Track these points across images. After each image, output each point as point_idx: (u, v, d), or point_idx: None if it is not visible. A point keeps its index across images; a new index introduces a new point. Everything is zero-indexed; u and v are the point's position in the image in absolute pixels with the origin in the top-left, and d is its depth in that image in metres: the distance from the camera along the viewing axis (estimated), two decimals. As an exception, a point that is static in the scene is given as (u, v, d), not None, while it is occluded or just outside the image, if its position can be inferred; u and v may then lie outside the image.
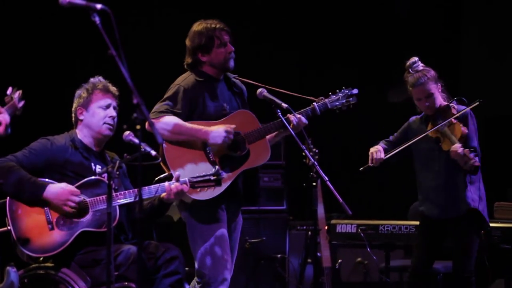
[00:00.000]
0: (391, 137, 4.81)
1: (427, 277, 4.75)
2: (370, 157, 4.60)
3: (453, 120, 4.53)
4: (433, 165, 4.65)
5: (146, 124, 3.44)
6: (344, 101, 4.38)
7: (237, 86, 4.39)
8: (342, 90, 4.39)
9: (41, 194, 3.89)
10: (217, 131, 4.10)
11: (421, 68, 4.64)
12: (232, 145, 4.19)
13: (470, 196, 4.59)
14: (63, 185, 3.92)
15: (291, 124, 4.20)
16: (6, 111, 3.61)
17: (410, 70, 4.65)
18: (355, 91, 4.42)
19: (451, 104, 4.62)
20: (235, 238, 4.35)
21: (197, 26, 4.28)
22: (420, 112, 4.75)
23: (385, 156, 4.59)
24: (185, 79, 4.28)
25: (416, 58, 4.66)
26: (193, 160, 4.14)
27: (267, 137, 4.28)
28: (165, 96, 4.23)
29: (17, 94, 3.64)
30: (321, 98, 4.31)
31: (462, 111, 4.55)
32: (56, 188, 3.90)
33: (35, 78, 6.16)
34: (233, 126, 4.14)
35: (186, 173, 4.05)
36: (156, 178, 4.17)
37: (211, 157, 4.15)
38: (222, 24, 4.26)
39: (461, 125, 4.54)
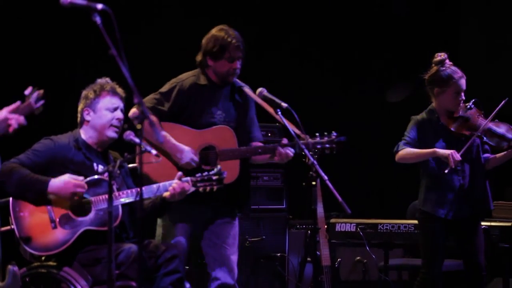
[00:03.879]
0: (408, 139, 4.63)
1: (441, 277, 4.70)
2: (451, 159, 4.45)
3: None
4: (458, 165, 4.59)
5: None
6: (328, 146, 4.23)
7: (242, 94, 4.42)
8: (331, 134, 4.26)
9: (46, 190, 3.90)
10: (185, 155, 4.24)
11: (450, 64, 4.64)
12: (204, 158, 4.29)
13: (490, 196, 4.69)
14: (66, 178, 3.91)
15: (277, 157, 4.25)
16: (20, 112, 3.57)
17: (445, 63, 4.61)
18: (343, 138, 4.26)
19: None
20: (226, 242, 4.41)
21: (217, 31, 4.34)
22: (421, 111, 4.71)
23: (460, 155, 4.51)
24: (186, 79, 4.37)
25: (446, 55, 4.64)
26: (163, 164, 4.21)
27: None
28: (160, 90, 4.34)
29: (35, 94, 3.59)
30: (306, 136, 4.15)
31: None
32: (59, 182, 3.90)
33: (36, 79, 6.15)
34: (196, 159, 4.25)
35: (156, 173, 4.16)
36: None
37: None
38: (240, 42, 4.29)
39: None
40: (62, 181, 3.90)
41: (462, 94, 4.61)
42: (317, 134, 4.25)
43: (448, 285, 5.24)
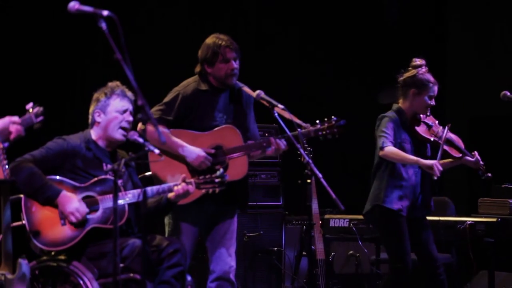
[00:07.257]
0: (389, 137, 4.72)
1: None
2: (436, 170, 4.56)
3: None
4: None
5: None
6: (329, 131, 4.34)
7: (241, 95, 4.52)
8: (331, 119, 4.36)
9: (54, 200, 4.03)
10: (197, 154, 4.34)
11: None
12: (212, 158, 4.40)
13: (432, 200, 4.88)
14: (74, 200, 4.04)
15: (272, 148, 4.35)
16: (22, 123, 3.68)
17: (423, 68, 4.76)
18: (343, 122, 4.36)
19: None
20: (224, 237, 4.53)
21: (208, 39, 4.47)
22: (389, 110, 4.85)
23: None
24: (187, 86, 4.48)
25: (424, 61, 4.78)
26: (173, 167, 4.34)
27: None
28: (164, 100, 4.46)
29: (35, 110, 3.71)
30: (307, 124, 4.27)
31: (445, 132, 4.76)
32: (66, 200, 4.02)
33: (38, 81, 6.25)
34: (209, 158, 4.34)
35: (164, 174, 4.30)
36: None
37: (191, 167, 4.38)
38: (230, 42, 4.41)
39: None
40: (70, 201, 4.02)
41: (433, 100, 4.76)
42: (317, 121, 4.35)
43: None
